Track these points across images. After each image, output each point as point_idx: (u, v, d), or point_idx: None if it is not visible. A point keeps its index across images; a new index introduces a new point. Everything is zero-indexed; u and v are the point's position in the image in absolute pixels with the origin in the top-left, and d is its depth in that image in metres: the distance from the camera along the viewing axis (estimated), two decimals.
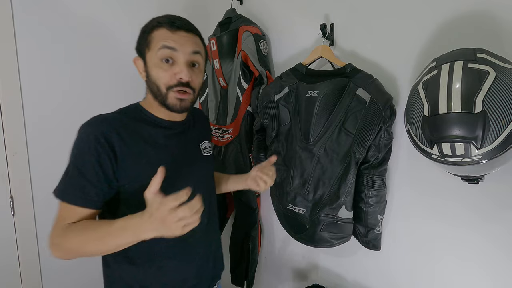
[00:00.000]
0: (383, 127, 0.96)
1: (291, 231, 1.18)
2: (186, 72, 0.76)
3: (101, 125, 0.75)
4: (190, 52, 0.78)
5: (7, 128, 1.25)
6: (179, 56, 0.76)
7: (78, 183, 0.72)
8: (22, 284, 1.33)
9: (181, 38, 0.77)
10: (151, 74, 0.78)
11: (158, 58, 0.76)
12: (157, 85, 0.78)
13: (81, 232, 0.70)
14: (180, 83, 0.77)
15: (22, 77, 1.27)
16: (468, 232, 0.91)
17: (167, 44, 0.75)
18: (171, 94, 0.77)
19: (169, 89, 0.77)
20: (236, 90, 1.36)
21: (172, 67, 0.76)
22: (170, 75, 0.76)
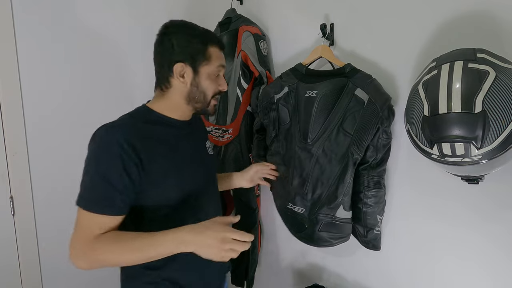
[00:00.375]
0: (380, 127, 0.96)
1: (292, 230, 1.19)
2: (226, 85, 0.92)
3: (120, 131, 0.76)
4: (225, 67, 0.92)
5: (7, 128, 1.26)
6: (222, 72, 0.90)
7: (104, 192, 0.72)
8: (22, 284, 1.33)
9: (224, 57, 0.91)
10: (202, 85, 0.86)
11: (215, 73, 0.87)
12: (206, 94, 0.87)
13: (117, 243, 0.71)
14: (220, 92, 0.91)
15: (22, 77, 1.28)
16: (468, 232, 0.91)
17: (223, 64, 0.89)
18: (212, 102, 0.90)
19: (212, 97, 0.89)
20: (236, 90, 1.36)
21: (218, 79, 0.89)
22: (216, 86, 0.89)
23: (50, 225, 1.37)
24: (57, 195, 1.38)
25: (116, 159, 0.72)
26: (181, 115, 0.89)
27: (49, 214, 1.37)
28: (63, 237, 1.39)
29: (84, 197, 0.73)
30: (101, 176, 0.72)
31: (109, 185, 0.72)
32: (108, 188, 0.72)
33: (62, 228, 1.41)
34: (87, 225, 0.72)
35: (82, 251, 0.71)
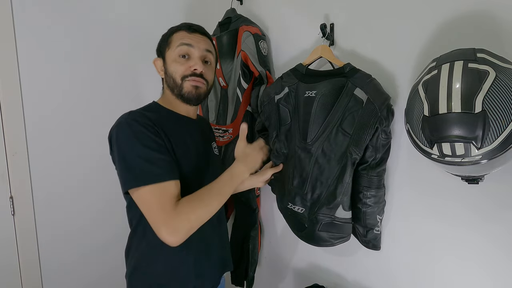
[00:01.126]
0: (379, 127, 0.96)
1: (293, 229, 1.19)
2: (200, 64, 0.88)
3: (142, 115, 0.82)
4: (203, 49, 0.90)
5: (7, 128, 1.25)
6: (194, 52, 0.89)
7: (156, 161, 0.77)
8: (22, 284, 1.33)
9: (196, 38, 0.90)
10: (169, 69, 0.89)
11: (177, 54, 0.88)
12: (174, 77, 0.88)
13: (200, 198, 0.79)
14: (194, 73, 0.88)
15: (22, 77, 1.27)
16: (468, 232, 0.91)
17: (185, 41, 0.88)
18: (186, 83, 0.88)
19: (183, 79, 0.88)
20: (236, 90, 1.36)
21: (188, 61, 0.88)
22: (185, 67, 0.88)
23: (50, 225, 1.37)
24: (57, 195, 1.38)
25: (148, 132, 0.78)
26: (182, 110, 0.93)
27: (49, 214, 1.37)
28: (63, 237, 1.40)
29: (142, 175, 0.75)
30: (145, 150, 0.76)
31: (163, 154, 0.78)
32: (163, 158, 0.78)
33: (62, 228, 1.41)
34: (161, 198, 0.75)
35: (175, 220, 0.74)
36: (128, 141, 0.77)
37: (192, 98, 0.90)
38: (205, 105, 1.53)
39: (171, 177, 0.77)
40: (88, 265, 1.48)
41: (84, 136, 1.43)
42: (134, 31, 1.54)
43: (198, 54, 0.89)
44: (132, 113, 0.83)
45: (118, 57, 1.50)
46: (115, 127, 0.82)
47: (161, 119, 0.85)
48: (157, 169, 0.76)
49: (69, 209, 1.41)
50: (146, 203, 0.76)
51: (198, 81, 0.89)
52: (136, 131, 0.78)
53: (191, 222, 0.76)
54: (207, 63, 0.93)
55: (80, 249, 1.46)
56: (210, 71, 0.94)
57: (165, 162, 0.78)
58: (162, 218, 0.74)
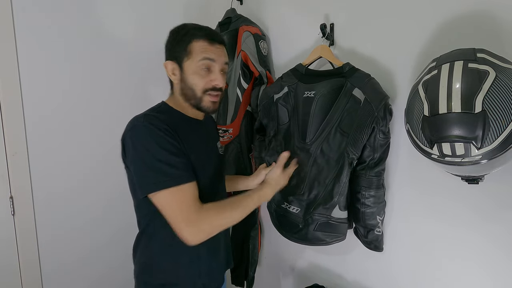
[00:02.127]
0: (376, 127, 0.96)
1: (282, 230, 1.18)
2: (221, 80, 0.89)
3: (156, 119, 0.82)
4: (223, 62, 0.90)
5: (7, 128, 1.25)
6: (216, 66, 0.88)
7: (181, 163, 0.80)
8: (22, 284, 1.33)
9: (217, 50, 0.89)
10: (188, 80, 0.87)
11: (199, 67, 0.86)
12: (193, 89, 0.87)
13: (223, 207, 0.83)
14: (214, 88, 0.88)
15: (22, 77, 1.27)
16: (469, 232, 0.91)
17: (208, 56, 0.86)
18: (206, 97, 0.88)
19: (204, 93, 0.88)
20: (236, 90, 1.36)
21: (209, 74, 0.88)
22: (207, 81, 0.87)
23: (50, 225, 1.37)
24: (57, 195, 1.38)
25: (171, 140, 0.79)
26: (191, 113, 0.93)
27: (49, 214, 1.37)
28: (63, 237, 1.40)
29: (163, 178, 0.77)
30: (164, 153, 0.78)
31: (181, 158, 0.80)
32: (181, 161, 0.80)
33: (62, 228, 1.41)
34: (184, 199, 0.78)
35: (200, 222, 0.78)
36: (146, 144, 0.78)
37: (210, 112, 0.92)
38: None
39: (190, 179, 0.80)
40: (88, 265, 1.48)
41: (84, 136, 1.43)
42: (134, 30, 1.54)
43: (218, 68, 0.89)
44: (147, 116, 0.83)
45: (118, 57, 1.50)
46: (129, 130, 0.82)
47: (174, 122, 0.86)
48: (177, 171, 0.78)
49: (69, 209, 1.41)
50: (169, 205, 0.78)
51: (216, 95, 0.90)
52: (153, 134, 0.79)
53: (213, 228, 0.81)
54: (224, 73, 0.93)
55: (80, 249, 1.46)
56: (225, 80, 0.94)
57: (183, 165, 0.80)
58: (186, 218, 0.77)
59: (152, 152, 0.78)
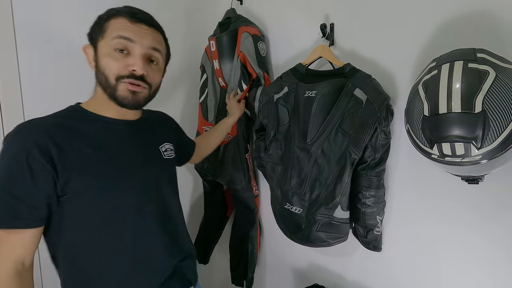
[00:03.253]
0: (378, 127, 0.96)
1: (286, 231, 1.18)
2: (141, 65, 0.71)
3: (31, 133, 0.66)
4: (148, 46, 0.73)
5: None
6: (135, 48, 0.71)
7: (9, 205, 0.63)
8: None
9: (141, 31, 0.72)
10: (101, 64, 0.72)
11: (111, 47, 0.70)
12: (106, 75, 0.71)
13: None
14: (132, 75, 0.71)
15: (22, 77, 1.27)
16: (468, 233, 0.91)
17: (123, 34, 0.70)
18: (122, 85, 0.71)
19: (118, 80, 0.71)
20: (237, 91, 1.36)
21: (126, 58, 0.71)
22: (122, 65, 0.70)
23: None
24: None
25: (22, 168, 0.63)
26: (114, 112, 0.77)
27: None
28: None
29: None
30: (3, 188, 0.63)
31: (12, 197, 0.63)
32: (10, 201, 0.63)
33: None
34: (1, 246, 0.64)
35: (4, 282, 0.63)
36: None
37: (127, 104, 0.73)
38: (205, 104, 1.53)
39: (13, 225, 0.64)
40: None
41: None
42: None
43: (139, 52, 0.71)
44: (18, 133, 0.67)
45: None
46: (4, 139, 0.67)
47: (67, 129, 0.71)
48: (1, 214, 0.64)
49: None
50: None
51: (137, 84, 0.72)
52: (4, 165, 0.64)
53: None
54: (152, 62, 0.75)
55: None
56: (156, 73, 0.76)
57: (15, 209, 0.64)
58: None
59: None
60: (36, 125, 0.68)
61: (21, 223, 0.65)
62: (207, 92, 1.52)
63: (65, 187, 0.67)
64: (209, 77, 1.50)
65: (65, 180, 0.67)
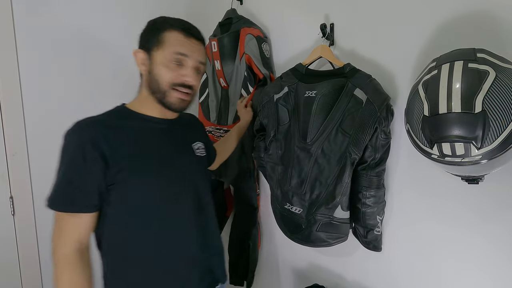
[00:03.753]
0: (378, 127, 0.96)
1: (286, 231, 1.18)
2: (193, 76, 0.82)
3: (86, 130, 0.77)
4: (198, 60, 0.84)
5: (7, 128, 1.26)
6: (188, 61, 0.82)
7: (68, 192, 0.74)
8: (22, 284, 1.33)
9: (193, 46, 0.82)
10: (155, 72, 0.81)
11: (168, 60, 0.80)
12: (159, 82, 0.81)
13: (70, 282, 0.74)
14: (183, 84, 0.82)
15: (22, 77, 1.28)
16: (468, 233, 0.90)
17: (181, 51, 0.80)
18: (174, 93, 0.81)
19: (171, 87, 0.81)
20: (241, 92, 1.36)
21: (180, 69, 0.81)
22: (176, 75, 0.80)
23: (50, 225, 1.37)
24: None
25: (79, 160, 0.74)
26: (156, 111, 0.86)
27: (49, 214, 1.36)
28: None
29: (51, 197, 0.75)
30: (65, 177, 0.74)
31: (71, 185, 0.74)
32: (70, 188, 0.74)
33: None
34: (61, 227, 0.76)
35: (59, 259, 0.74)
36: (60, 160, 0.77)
37: (175, 109, 0.84)
38: (206, 104, 1.53)
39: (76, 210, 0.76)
40: None
41: None
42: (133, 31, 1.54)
43: (192, 64, 0.82)
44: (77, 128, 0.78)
45: (119, 57, 1.50)
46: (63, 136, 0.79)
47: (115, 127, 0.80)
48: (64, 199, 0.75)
49: None
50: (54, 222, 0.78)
51: (186, 94, 0.83)
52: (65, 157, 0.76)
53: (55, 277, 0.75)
54: (198, 72, 0.86)
55: None
56: (199, 80, 0.88)
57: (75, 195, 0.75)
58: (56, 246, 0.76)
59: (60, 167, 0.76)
60: (89, 123, 0.79)
61: (76, 208, 0.75)
62: (208, 92, 1.52)
63: (113, 177, 0.76)
64: (209, 77, 1.50)
65: (113, 171, 0.76)
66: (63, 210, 0.75)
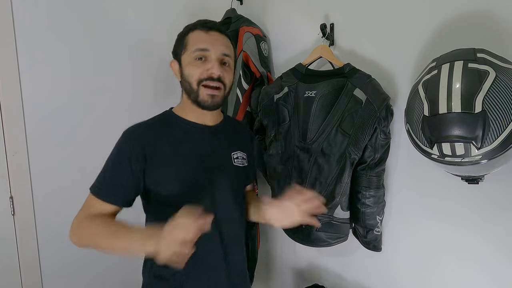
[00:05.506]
0: (378, 127, 0.96)
1: (288, 231, 1.18)
2: (217, 67, 0.82)
3: (135, 133, 0.84)
4: (221, 52, 0.84)
5: (7, 128, 1.25)
6: (211, 54, 0.83)
7: (111, 184, 0.81)
8: (22, 284, 1.33)
9: (213, 38, 0.84)
10: (185, 73, 0.84)
11: (192, 57, 0.83)
12: (189, 81, 0.83)
13: (101, 225, 0.78)
14: (211, 77, 0.82)
15: (22, 77, 1.27)
16: (468, 232, 0.91)
17: (201, 47, 0.82)
18: (203, 90, 0.83)
19: (200, 84, 0.82)
20: (236, 91, 1.36)
21: (204, 64, 0.82)
22: (202, 70, 0.82)
23: (50, 225, 1.37)
24: (57, 195, 1.38)
25: (124, 158, 0.81)
26: (196, 116, 0.88)
27: (49, 214, 1.36)
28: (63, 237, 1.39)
29: (96, 185, 0.83)
30: (112, 170, 0.82)
31: (116, 178, 0.81)
32: (114, 181, 0.81)
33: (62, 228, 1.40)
34: (90, 203, 0.82)
35: (77, 225, 0.81)
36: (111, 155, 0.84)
37: (208, 106, 0.85)
38: None
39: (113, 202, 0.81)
40: (88, 266, 1.48)
41: (84, 136, 1.43)
42: (133, 31, 1.54)
43: (215, 57, 0.83)
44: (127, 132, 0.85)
45: (118, 57, 1.50)
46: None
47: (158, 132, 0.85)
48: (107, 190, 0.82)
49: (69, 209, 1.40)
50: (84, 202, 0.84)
51: (214, 87, 0.83)
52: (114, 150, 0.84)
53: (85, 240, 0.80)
54: (225, 64, 0.85)
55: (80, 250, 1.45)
56: (229, 73, 0.86)
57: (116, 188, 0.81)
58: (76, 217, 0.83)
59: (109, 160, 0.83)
60: (137, 127, 0.86)
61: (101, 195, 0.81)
62: None
63: (151, 177, 0.82)
64: None
65: (151, 171, 0.82)
66: (92, 191, 0.83)
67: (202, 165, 0.86)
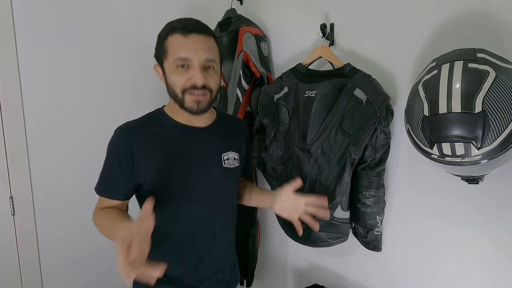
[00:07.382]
0: (378, 127, 0.96)
1: (288, 232, 1.18)
2: (200, 76, 0.79)
3: (123, 132, 0.86)
4: (203, 58, 0.80)
5: (7, 128, 1.25)
6: (193, 63, 0.80)
7: (108, 183, 0.87)
8: (22, 284, 1.33)
9: (195, 44, 0.79)
10: (168, 81, 0.83)
11: (174, 65, 0.80)
12: (174, 89, 0.82)
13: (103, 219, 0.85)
14: (194, 86, 0.80)
15: (22, 77, 1.27)
16: (468, 232, 0.91)
17: (181, 56, 0.79)
18: (188, 97, 0.81)
19: (184, 92, 0.81)
20: (236, 91, 1.36)
21: (187, 71, 0.80)
22: (185, 79, 0.80)
23: (50, 225, 1.37)
24: (57, 195, 1.38)
25: (115, 156, 0.84)
26: (183, 118, 0.88)
27: (49, 214, 1.37)
28: (63, 237, 1.40)
29: (98, 183, 0.89)
30: (106, 169, 0.87)
31: (110, 175, 0.86)
32: (109, 178, 0.87)
33: (62, 228, 1.41)
34: (100, 199, 0.90)
35: (93, 215, 0.89)
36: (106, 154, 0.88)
37: (195, 112, 0.83)
38: None
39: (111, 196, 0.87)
40: (88, 265, 1.48)
41: (84, 136, 1.43)
42: (133, 31, 1.54)
43: (198, 64, 0.79)
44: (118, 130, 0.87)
45: (118, 57, 1.50)
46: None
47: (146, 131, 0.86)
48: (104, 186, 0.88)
49: (69, 209, 1.41)
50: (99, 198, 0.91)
51: (199, 95, 0.81)
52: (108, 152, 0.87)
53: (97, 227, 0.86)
54: (209, 68, 0.82)
55: (80, 249, 1.45)
56: (214, 77, 0.84)
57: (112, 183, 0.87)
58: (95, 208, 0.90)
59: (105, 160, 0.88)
60: (129, 126, 0.87)
61: (104, 193, 0.88)
62: None
63: (138, 173, 0.84)
64: None
65: (138, 167, 0.84)
66: (95, 190, 0.89)
67: (187, 167, 0.87)
